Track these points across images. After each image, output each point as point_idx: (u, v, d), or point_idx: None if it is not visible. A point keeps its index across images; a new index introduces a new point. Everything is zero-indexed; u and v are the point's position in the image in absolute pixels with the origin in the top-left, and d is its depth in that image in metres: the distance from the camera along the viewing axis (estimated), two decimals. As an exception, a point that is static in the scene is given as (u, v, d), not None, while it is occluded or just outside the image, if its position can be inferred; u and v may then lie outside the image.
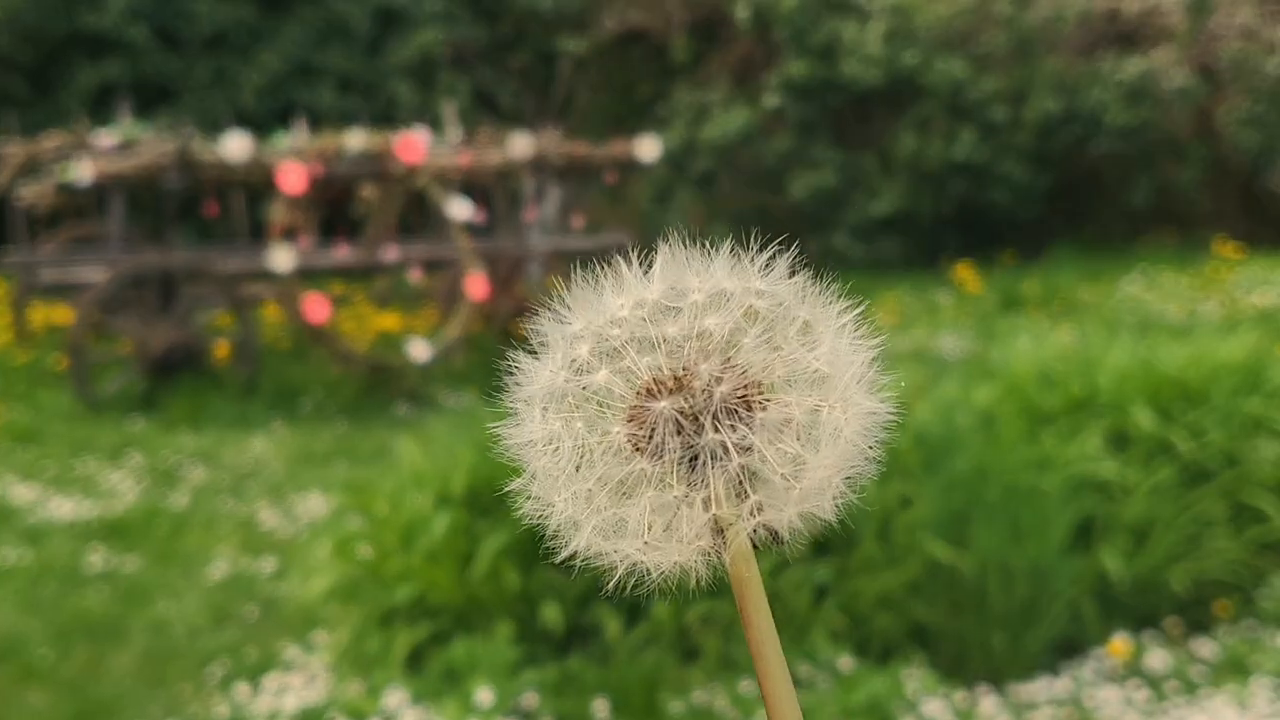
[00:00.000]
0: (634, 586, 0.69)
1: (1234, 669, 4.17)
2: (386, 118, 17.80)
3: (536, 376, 0.72)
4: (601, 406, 0.70)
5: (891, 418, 0.70)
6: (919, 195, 18.02)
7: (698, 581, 0.69)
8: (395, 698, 3.72)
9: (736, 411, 0.68)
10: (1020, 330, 9.55)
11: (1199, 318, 11.19)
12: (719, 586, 0.69)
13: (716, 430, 0.68)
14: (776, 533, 0.69)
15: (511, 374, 0.73)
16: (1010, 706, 4.00)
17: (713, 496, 0.68)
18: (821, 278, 0.72)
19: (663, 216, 17.74)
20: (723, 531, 0.68)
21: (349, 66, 21.06)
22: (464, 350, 10.22)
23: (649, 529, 0.68)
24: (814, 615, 4.12)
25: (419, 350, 9.86)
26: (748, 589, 0.67)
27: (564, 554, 0.70)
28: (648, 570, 0.69)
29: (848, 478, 0.70)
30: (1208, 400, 4.97)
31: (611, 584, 0.69)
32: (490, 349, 10.54)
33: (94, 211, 12.07)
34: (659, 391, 0.69)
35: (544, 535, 0.72)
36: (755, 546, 0.68)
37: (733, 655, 3.98)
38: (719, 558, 0.68)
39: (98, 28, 19.34)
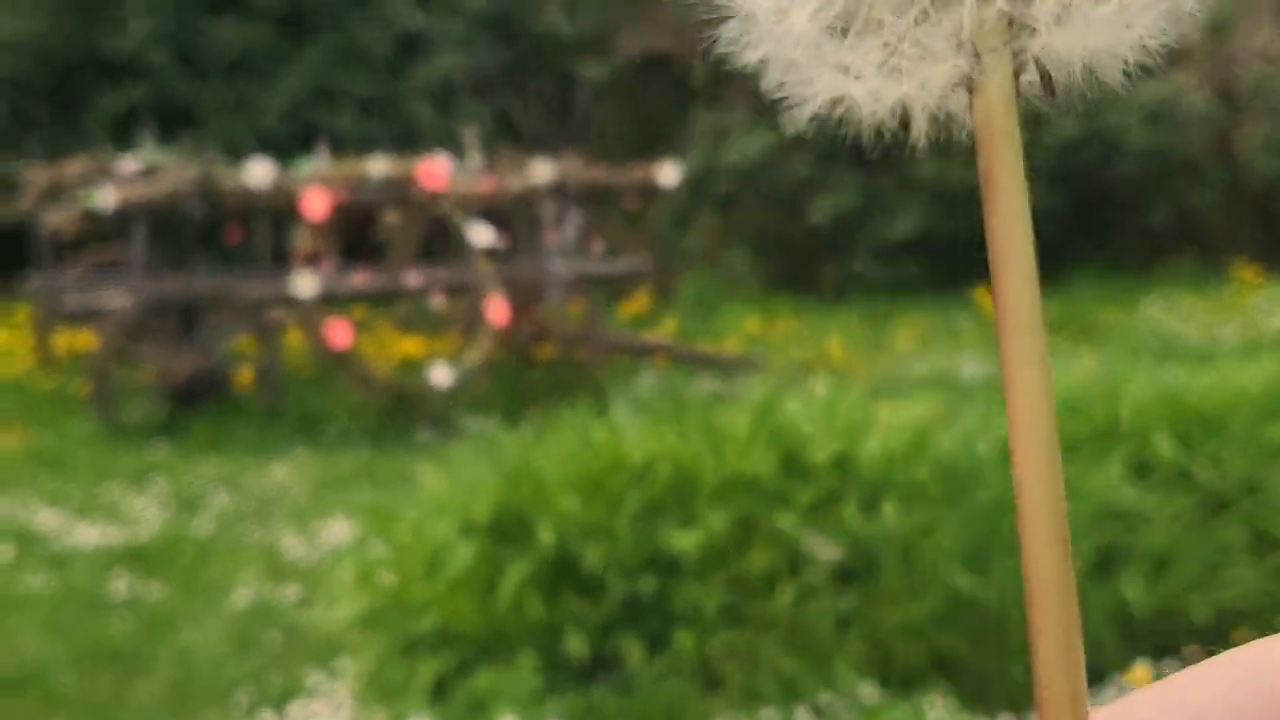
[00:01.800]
0: (834, 122, 0.45)
1: (1256, 698, 4.16)
2: (407, 141, 17.86)
3: None
4: None
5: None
6: (939, 217, 18.02)
7: (934, 121, 0.43)
8: (420, 727, 3.74)
9: None
10: (1040, 355, 9.52)
11: (1219, 341, 11.17)
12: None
13: None
14: (1049, 75, 0.42)
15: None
16: (1032, 736, 4.01)
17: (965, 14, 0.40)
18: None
19: (681, 240, 17.76)
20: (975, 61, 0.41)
21: (369, 90, 21.15)
22: (486, 375, 10.23)
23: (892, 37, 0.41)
24: (837, 644, 4.13)
25: (441, 375, 9.87)
26: (998, 147, 0.41)
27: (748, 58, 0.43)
28: (855, 101, 0.44)
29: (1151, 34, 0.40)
30: (1228, 427, 4.97)
31: (806, 118, 0.45)
32: (511, 374, 10.57)
33: (116, 237, 12.11)
34: None
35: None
36: (1016, 92, 0.42)
37: (755, 686, 3.99)
38: (963, 104, 0.42)
39: (119, 51, 19.45)
